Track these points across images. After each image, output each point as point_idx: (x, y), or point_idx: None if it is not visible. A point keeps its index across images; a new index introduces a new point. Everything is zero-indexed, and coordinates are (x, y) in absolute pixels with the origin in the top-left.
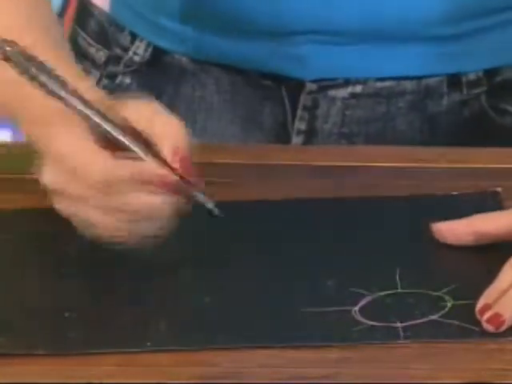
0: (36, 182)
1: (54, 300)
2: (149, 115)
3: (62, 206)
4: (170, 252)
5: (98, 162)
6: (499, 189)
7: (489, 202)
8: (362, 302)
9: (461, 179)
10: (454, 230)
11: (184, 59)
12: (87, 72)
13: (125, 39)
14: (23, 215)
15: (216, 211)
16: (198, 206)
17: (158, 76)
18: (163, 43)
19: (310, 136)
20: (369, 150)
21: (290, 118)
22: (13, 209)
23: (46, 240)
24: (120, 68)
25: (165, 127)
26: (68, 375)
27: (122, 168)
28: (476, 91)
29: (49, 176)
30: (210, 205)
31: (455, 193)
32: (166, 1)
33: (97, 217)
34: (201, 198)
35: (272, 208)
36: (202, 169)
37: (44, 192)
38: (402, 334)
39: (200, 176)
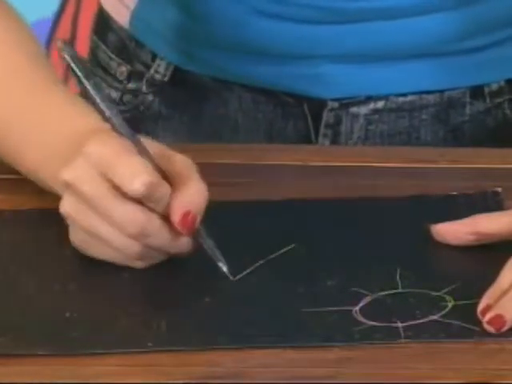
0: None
1: (54, 300)
2: (183, 170)
3: (71, 209)
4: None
5: (147, 168)
6: (499, 189)
7: (489, 202)
8: (363, 302)
9: (461, 179)
10: (455, 231)
11: (205, 78)
12: (109, 87)
13: (146, 56)
14: (23, 215)
15: (229, 275)
16: None
17: (180, 94)
18: (184, 65)
19: None
20: (369, 150)
21: (313, 134)
22: (13, 209)
23: (46, 240)
24: (142, 84)
25: (190, 190)
26: (68, 375)
27: (164, 184)
28: (499, 100)
29: (75, 170)
30: (223, 267)
31: (455, 193)
32: (189, 27)
33: (107, 232)
34: (215, 254)
35: (272, 208)
36: (202, 169)
37: (44, 192)
38: (402, 334)
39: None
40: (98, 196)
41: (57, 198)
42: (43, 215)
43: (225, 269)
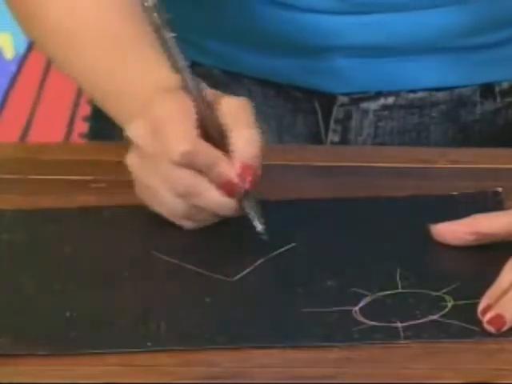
0: (36, 182)
1: (54, 300)
2: (237, 118)
3: (133, 163)
4: (170, 252)
5: (189, 137)
6: (500, 189)
7: (489, 202)
8: (363, 302)
9: (461, 179)
10: (454, 231)
11: (215, 70)
12: None
13: None
14: (23, 215)
15: (264, 235)
16: None
17: None
18: (195, 57)
19: None
20: (369, 150)
21: (322, 129)
22: (13, 209)
23: (46, 240)
24: None
25: (244, 138)
26: (68, 375)
27: (207, 152)
28: (509, 99)
29: (137, 129)
30: (259, 226)
31: (455, 193)
32: (200, 18)
33: (160, 188)
34: (252, 216)
35: (272, 208)
36: None
37: (43, 192)
38: (402, 334)
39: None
40: (152, 155)
41: (56, 198)
42: (43, 215)
43: (259, 228)
